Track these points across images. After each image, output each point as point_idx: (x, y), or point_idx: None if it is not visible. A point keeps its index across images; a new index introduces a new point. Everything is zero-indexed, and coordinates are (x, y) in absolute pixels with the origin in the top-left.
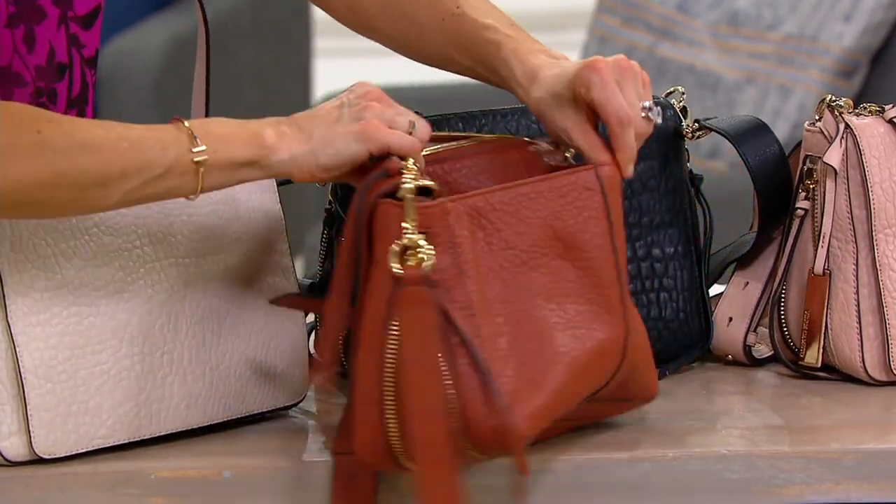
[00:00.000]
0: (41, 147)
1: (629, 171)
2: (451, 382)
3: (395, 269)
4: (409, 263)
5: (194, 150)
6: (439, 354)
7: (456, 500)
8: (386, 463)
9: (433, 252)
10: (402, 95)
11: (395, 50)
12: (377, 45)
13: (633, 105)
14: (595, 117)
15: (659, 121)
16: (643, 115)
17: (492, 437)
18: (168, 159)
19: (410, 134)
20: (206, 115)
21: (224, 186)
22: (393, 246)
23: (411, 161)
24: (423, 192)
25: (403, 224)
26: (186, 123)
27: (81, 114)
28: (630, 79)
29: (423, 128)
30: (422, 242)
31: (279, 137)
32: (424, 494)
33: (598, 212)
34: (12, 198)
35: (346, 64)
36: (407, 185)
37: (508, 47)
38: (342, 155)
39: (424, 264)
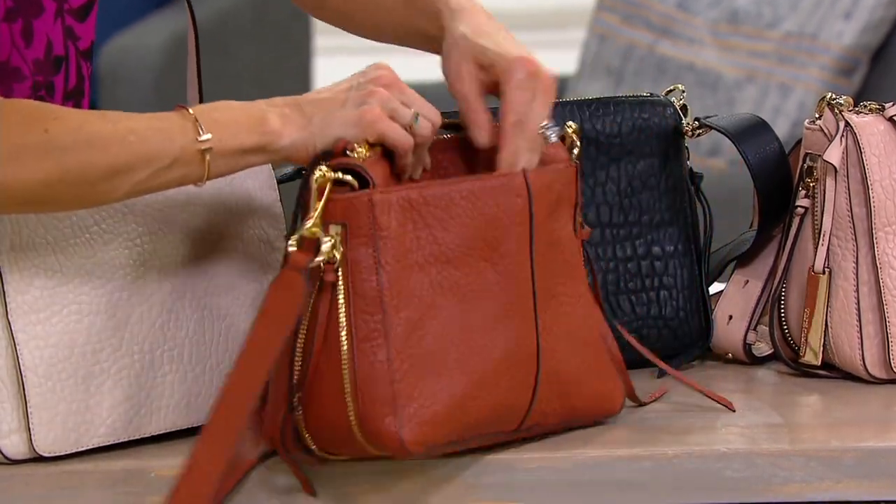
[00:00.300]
0: (49, 146)
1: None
2: (349, 372)
3: (289, 249)
4: (303, 248)
5: (200, 138)
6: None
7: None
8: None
9: (330, 245)
10: None
11: (346, 27)
12: (377, 44)
13: (538, 116)
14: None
15: (554, 137)
16: (540, 130)
17: (377, 439)
18: (174, 150)
19: (411, 127)
20: None
21: (230, 172)
22: (299, 232)
23: (363, 148)
24: (361, 180)
25: (310, 214)
26: (191, 111)
27: (78, 106)
28: (545, 96)
29: (425, 125)
30: (326, 236)
31: (282, 121)
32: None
33: (522, 218)
34: (21, 196)
35: (345, 62)
36: (318, 174)
37: (457, 5)
38: (340, 137)
39: (319, 255)
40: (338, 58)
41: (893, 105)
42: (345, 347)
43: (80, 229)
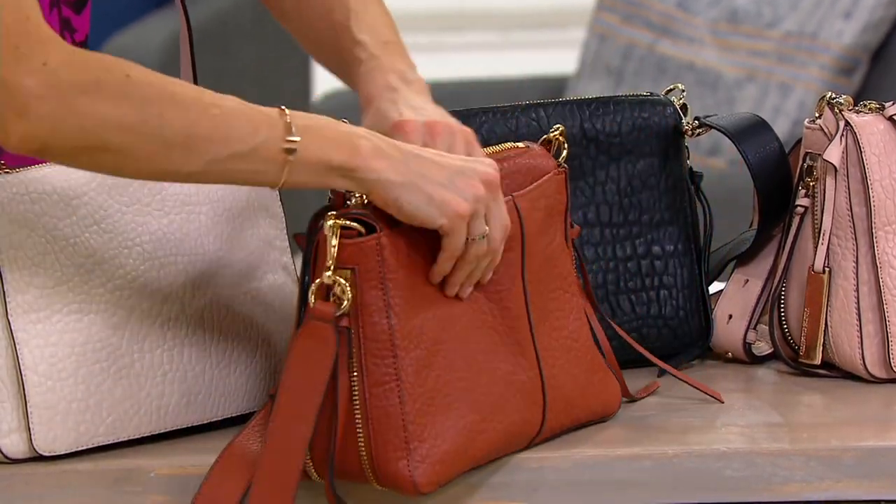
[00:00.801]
0: (129, 89)
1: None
2: (362, 417)
3: (310, 304)
4: (321, 300)
5: (287, 138)
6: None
7: None
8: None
9: (349, 293)
10: None
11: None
12: None
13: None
14: None
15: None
16: None
17: (390, 481)
18: (257, 139)
19: (472, 241)
20: None
21: (308, 186)
22: (315, 282)
23: (360, 195)
24: (368, 225)
25: (327, 262)
26: (287, 112)
27: None
28: (439, 142)
29: (480, 248)
30: (342, 281)
31: (374, 153)
32: None
33: (512, 244)
34: (96, 138)
35: None
36: (330, 223)
37: (367, 67)
38: (418, 210)
39: (342, 305)
40: None
41: (893, 104)
42: (356, 391)
43: (81, 229)
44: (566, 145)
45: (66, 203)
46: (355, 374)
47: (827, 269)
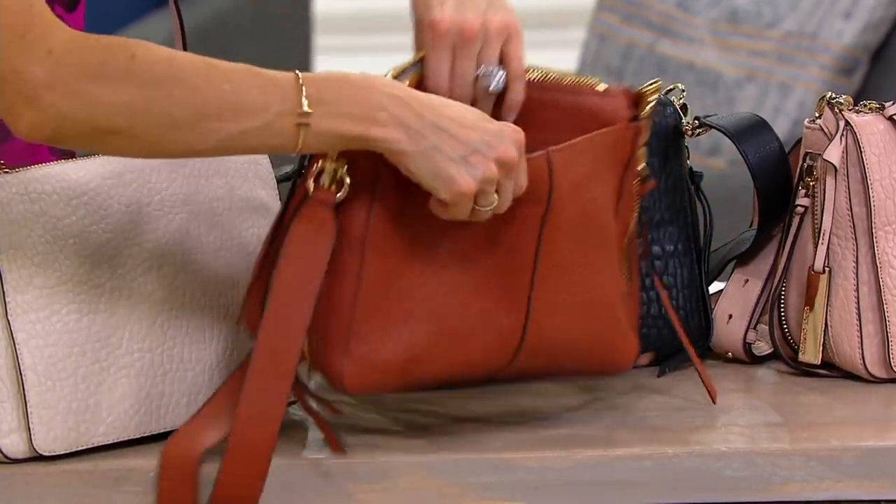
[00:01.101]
0: (134, 71)
1: None
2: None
3: (308, 187)
4: (322, 185)
5: (299, 111)
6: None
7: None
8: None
9: (348, 179)
10: None
11: None
12: (377, 43)
13: (460, 74)
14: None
15: (493, 87)
16: (474, 81)
17: (323, 370)
18: (269, 115)
19: (476, 210)
20: None
21: (325, 151)
22: (314, 166)
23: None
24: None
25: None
26: (302, 79)
27: None
28: (468, 47)
29: (487, 213)
30: (342, 169)
31: (393, 124)
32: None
33: (539, 198)
34: (102, 119)
35: (346, 62)
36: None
37: None
38: (424, 180)
39: (339, 192)
40: (338, 57)
41: (893, 104)
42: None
43: (80, 228)
44: (654, 102)
45: (66, 203)
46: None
47: (827, 269)
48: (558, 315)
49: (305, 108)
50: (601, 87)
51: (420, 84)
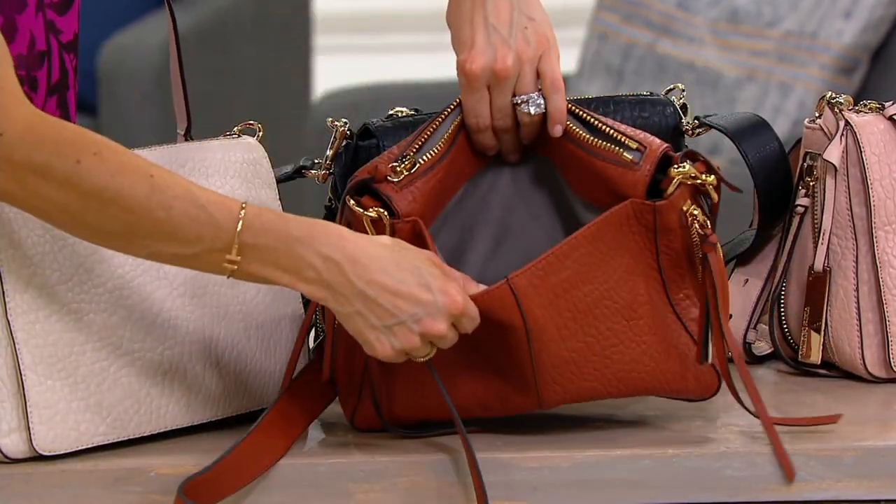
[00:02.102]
0: (76, 177)
1: (490, 154)
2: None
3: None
4: None
5: (228, 256)
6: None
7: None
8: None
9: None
10: (402, 93)
11: None
12: (377, 42)
13: (498, 108)
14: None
15: (534, 112)
16: (514, 109)
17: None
18: (199, 248)
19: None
20: (188, 114)
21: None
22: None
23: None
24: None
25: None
26: (241, 223)
27: (63, 100)
28: (502, 84)
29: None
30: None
31: (318, 284)
32: None
33: (512, 326)
34: (44, 214)
35: (346, 61)
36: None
37: None
38: (347, 329)
39: None
40: (338, 57)
41: (893, 104)
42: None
43: None
44: (685, 181)
45: None
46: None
47: (827, 269)
48: (581, 396)
49: (234, 256)
50: (628, 156)
51: (461, 125)
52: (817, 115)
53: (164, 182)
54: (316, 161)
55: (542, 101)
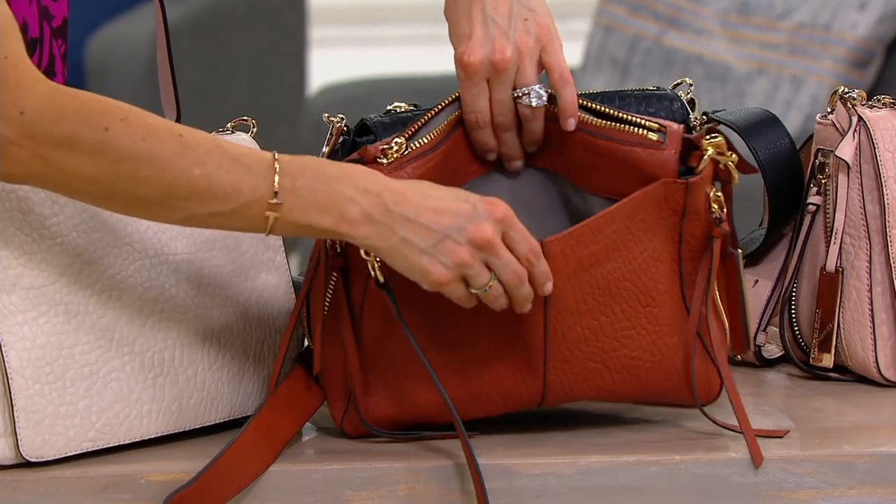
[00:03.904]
0: (106, 144)
1: (489, 158)
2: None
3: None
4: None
5: (269, 201)
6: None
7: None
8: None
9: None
10: (401, 87)
11: None
12: (373, 34)
13: (499, 103)
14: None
15: (535, 104)
16: (515, 98)
17: (332, 416)
18: (238, 202)
19: (478, 292)
20: (178, 107)
21: (294, 236)
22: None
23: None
24: None
25: None
26: (278, 164)
27: None
28: (501, 76)
29: (495, 292)
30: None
31: (362, 219)
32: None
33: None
34: (72, 188)
35: (341, 53)
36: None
37: None
38: (403, 271)
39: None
40: (334, 49)
41: None
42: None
43: (68, 227)
44: (714, 156)
45: (54, 201)
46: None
47: (839, 269)
48: (585, 381)
49: (276, 200)
50: (653, 136)
51: (459, 120)
52: (829, 110)
53: (193, 139)
54: None
55: (545, 94)
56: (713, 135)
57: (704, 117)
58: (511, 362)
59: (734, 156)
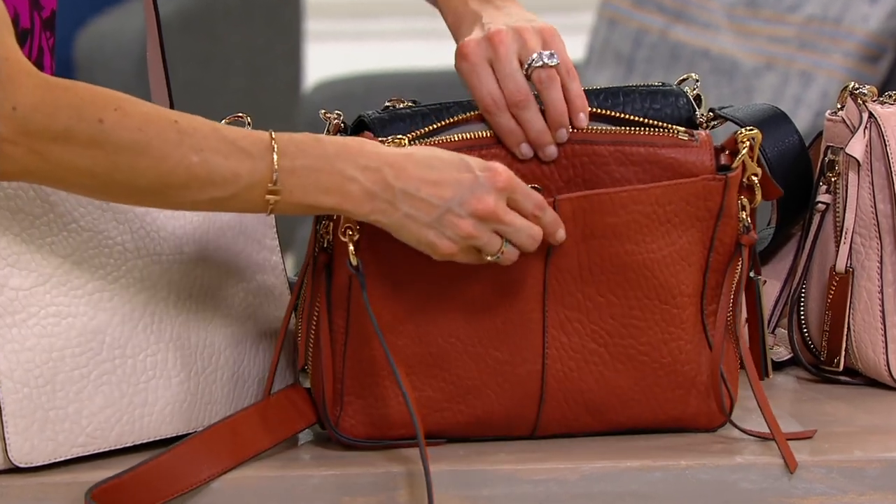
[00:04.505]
0: (101, 137)
1: (522, 151)
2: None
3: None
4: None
5: (269, 185)
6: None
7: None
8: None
9: (330, 232)
10: (399, 82)
11: None
12: (369, 28)
13: (507, 75)
14: None
15: (549, 62)
16: (527, 72)
17: (328, 427)
18: (237, 187)
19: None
20: (171, 104)
21: (296, 214)
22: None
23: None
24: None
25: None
26: (276, 145)
27: None
28: (504, 52)
29: (509, 255)
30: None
31: (364, 197)
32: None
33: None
34: (68, 182)
35: (337, 48)
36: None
37: None
38: (411, 244)
39: (324, 244)
40: (331, 43)
41: None
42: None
43: (59, 227)
44: (749, 151)
45: (43, 200)
46: (316, 316)
47: (849, 270)
48: (586, 365)
49: (275, 184)
50: (683, 135)
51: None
52: (839, 106)
53: (189, 125)
54: None
55: (555, 55)
56: (750, 127)
57: (711, 114)
58: (507, 342)
59: (759, 170)
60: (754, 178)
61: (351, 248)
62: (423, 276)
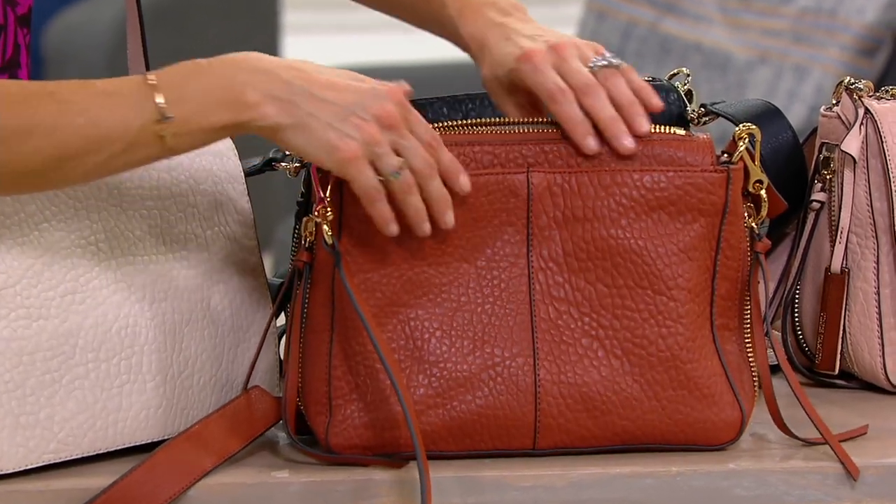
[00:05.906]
0: None
1: (589, 144)
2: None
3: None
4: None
5: (158, 120)
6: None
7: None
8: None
9: (311, 227)
10: (382, 77)
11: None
12: (349, 21)
13: (573, 70)
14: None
15: (616, 62)
16: (591, 71)
17: (315, 433)
18: (130, 133)
19: (387, 180)
20: None
21: (200, 147)
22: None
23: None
24: None
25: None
26: (154, 80)
27: (13, 78)
28: (569, 55)
29: (406, 179)
30: (313, 214)
31: (263, 100)
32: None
33: (515, 216)
34: None
35: (316, 40)
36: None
37: (454, 7)
38: (307, 152)
39: (305, 240)
40: (307, 36)
41: None
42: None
43: (30, 227)
44: (747, 146)
45: (14, 198)
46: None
47: (845, 270)
48: (580, 359)
49: (165, 115)
50: (681, 132)
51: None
52: (834, 101)
53: (67, 91)
54: (287, 153)
55: (616, 56)
56: (747, 124)
57: (702, 109)
58: (497, 337)
59: (765, 178)
60: (759, 185)
61: (325, 227)
62: (405, 267)
